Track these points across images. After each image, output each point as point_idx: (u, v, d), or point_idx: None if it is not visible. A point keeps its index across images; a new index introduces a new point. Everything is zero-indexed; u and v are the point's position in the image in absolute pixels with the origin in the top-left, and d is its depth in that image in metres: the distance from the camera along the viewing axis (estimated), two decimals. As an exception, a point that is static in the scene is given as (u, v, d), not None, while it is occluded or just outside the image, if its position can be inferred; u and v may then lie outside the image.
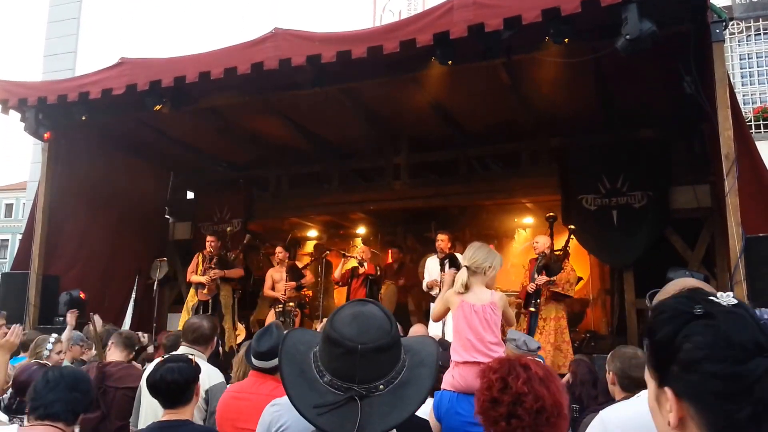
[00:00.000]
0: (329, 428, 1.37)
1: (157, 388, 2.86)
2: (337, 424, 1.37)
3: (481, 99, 7.51)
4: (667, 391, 0.98)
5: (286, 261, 9.31)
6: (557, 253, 7.40)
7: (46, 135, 7.88)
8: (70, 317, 5.76)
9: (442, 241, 7.72)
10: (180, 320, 8.66)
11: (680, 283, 1.91)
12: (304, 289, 11.15)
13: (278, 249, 9.32)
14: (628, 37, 4.91)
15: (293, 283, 9.04)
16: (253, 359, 3.34)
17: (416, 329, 5.62)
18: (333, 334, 1.43)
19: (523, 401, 1.99)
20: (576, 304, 9.35)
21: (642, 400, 1.73)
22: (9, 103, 7.57)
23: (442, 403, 3.53)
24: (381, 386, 1.41)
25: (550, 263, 7.22)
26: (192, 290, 8.78)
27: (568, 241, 7.62)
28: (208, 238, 9.03)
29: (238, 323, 9.83)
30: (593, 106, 7.59)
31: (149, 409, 3.69)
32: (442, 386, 3.61)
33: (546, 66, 6.11)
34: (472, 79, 6.86)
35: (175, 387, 2.82)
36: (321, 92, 7.05)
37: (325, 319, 5.33)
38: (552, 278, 7.05)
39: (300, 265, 10.05)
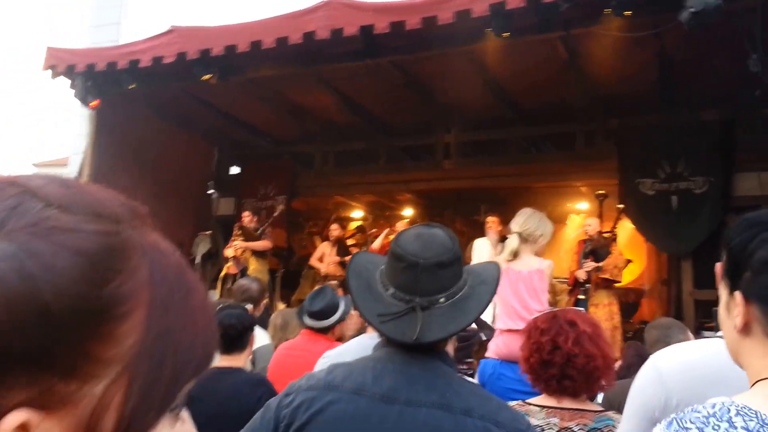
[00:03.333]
0: (392, 334, 1.56)
1: None
2: (399, 331, 1.54)
3: (536, 75, 7.54)
4: (737, 295, 1.10)
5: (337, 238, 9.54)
6: (606, 235, 7.46)
7: (93, 103, 8.10)
8: None
9: (493, 222, 7.85)
10: (216, 294, 8.87)
11: None
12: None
13: (334, 226, 9.56)
14: (692, 9, 4.91)
15: (337, 258, 9.31)
16: (305, 319, 3.63)
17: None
18: (397, 249, 1.61)
19: (574, 362, 2.12)
20: (630, 294, 9.37)
21: (694, 347, 1.85)
22: (57, 69, 7.80)
23: (486, 370, 3.75)
24: (442, 299, 1.56)
25: (597, 248, 7.32)
26: (225, 265, 9.14)
27: (616, 223, 7.64)
28: (244, 213, 9.40)
29: (280, 303, 10.01)
30: (654, 84, 7.55)
31: None
32: (487, 354, 3.79)
33: (606, 41, 6.13)
34: (528, 54, 6.90)
35: (232, 332, 3.10)
36: (372, 65, 7.17)
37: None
38: (599, 264, 7.18)
39: (350, 243, 10.21)
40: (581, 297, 7.22)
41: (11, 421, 0.45)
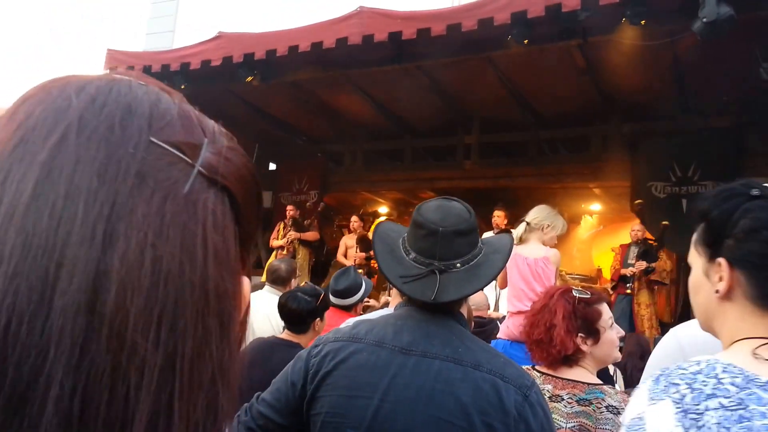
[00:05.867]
0: (413, 294, 1.62)
1: (281, 310, 3.21)
2: (419, 291, 1.60)
3: (554, 81, 7.50)
4: (722, 261, 1.09)
5: (359, 231, 9.61)
6: (651, 242, 7.50)
7: (147, 101, 8.33)
8: None
9: (498, 217, 7.79)
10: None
11: None
12: (373, 261, 11.38)
13: (354, 218, 9.74)
14: (705, 20, 4.83)
15: (363, 254, 9.39)
16: (331, 297, 3.66)
17: (474, 296, 5.72)
18: (419, 218, 1.66)
19: (546, 346, 2.22)
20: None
21: None
22: (116, 71, 8.00)
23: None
24: (458, 264, 1.61)
25: (649, 250, 7.36)
26: (273, 254, 9.44)
27: (662, 234, 7.57)
28: (288, 207, 9.79)
29: (312, 288, 10.22)
30: (667, 92, 7.44)
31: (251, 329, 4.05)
32: (498, 335, 3.80)
33: (621, 49, 6.07)
34: (547, 61, 6.86)
35: (291, 314, 3.15)
36: (399, 69, 7.21)
37: (392, 291, 5.57)
38: (652, 265, 7.22)
39: (370, 236, 10.21)
40: (627, 291, 7.33)
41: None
